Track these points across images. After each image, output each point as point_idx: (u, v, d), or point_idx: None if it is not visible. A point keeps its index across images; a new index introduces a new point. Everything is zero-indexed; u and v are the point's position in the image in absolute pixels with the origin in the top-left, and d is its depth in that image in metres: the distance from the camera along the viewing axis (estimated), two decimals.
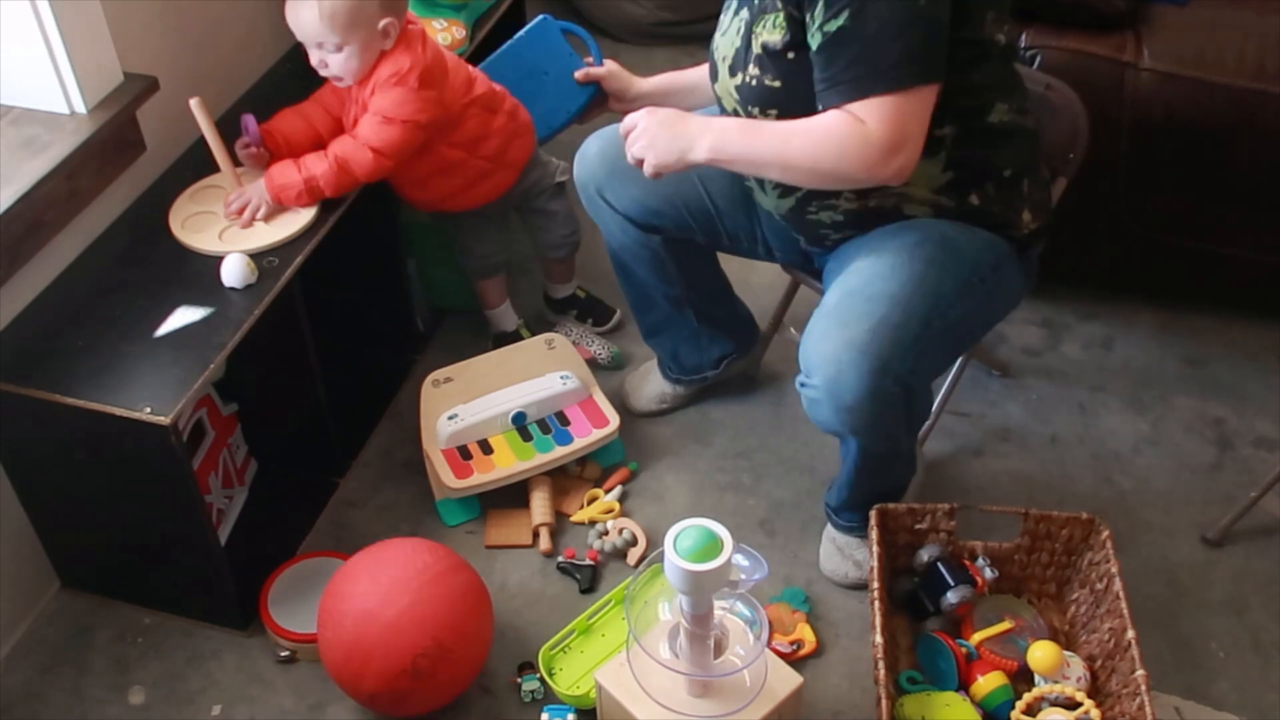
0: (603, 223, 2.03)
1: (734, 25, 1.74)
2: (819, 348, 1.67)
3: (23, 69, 1.78)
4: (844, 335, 1.64)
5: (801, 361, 1.71)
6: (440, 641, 1.72)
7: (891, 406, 1.68)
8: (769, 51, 1.66)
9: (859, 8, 1.54)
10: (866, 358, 1.62)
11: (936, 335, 1.68)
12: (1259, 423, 2.29)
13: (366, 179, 1.95)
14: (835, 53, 1.57)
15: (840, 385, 1.64)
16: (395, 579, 1.73)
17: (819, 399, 1.68)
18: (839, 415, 1.68)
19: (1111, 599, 1.78)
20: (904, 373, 1.65)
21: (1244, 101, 2.13)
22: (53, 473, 1.83)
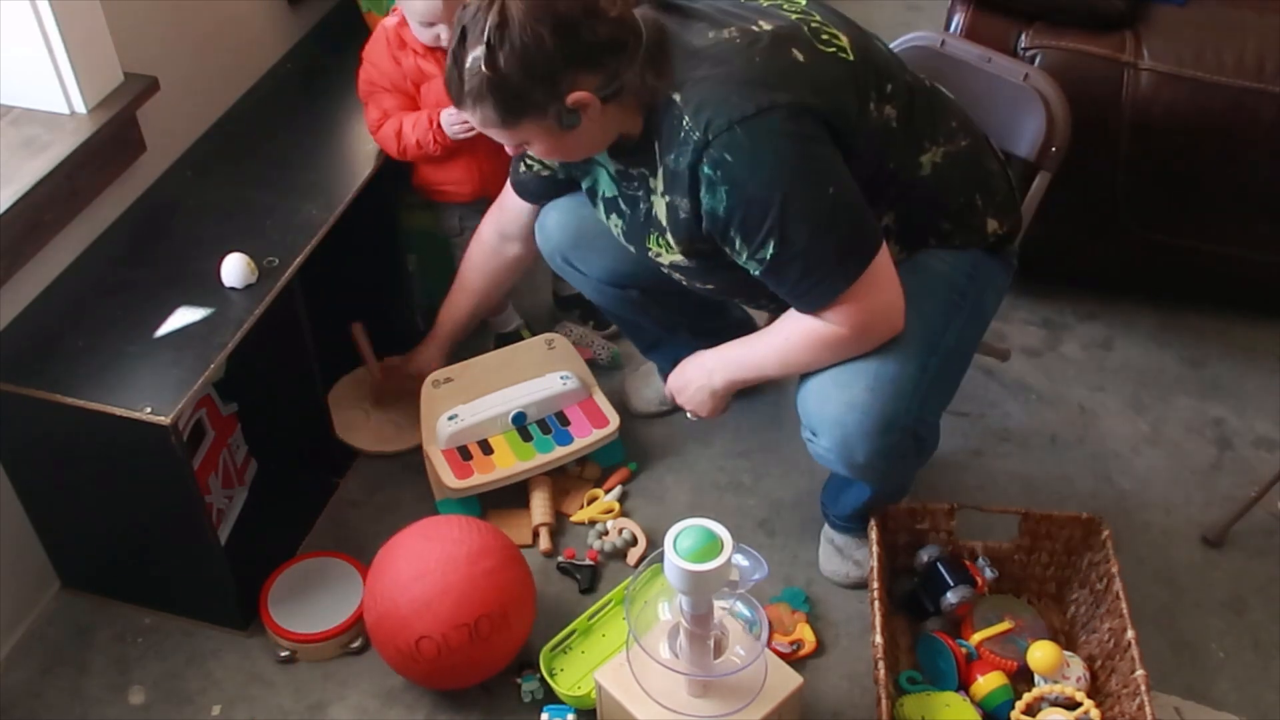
0: (577, 284, 2.05)
1: (615, 228, 1.76)
2: (821, 410, 1.66)
3: (23, 69, 1.78)
4: (843, 397, 1.63)
5: (803, 417, 1.71)
6: (506, 613, 1.75)
7: (903, 456, 1.70)
8: (682, 266, 1.69)
9: (781, 233, 1.52)
10: (870, 418, 1.62)
11: (935, 372, 1.67)
12: (1259, 423, 2.29)
13: None
14: (779, 275, 1.57)
15: (849, 447, 1.65)
16: (487, 542, 1.78)
17: (829, 457, 1.70)
18: (850, 470, 1.70)
19: (1111, 599, 1.78)
20: (909, 423, 1.65)
21: (1243, 101, 2.13)
22: (53, 473, 1.83)
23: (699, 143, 1.49)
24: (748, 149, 1.48)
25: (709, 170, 1.50)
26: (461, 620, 1.72)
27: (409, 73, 2.05)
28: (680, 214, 1.58)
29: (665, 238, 1.65)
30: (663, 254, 1.69)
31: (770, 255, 1.54)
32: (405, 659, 1.76)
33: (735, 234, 1.54)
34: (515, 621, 1.79)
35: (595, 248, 1.92)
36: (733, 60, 1.51)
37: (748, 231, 1.53)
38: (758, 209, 1.51)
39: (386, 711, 1.85)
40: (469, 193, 2.17)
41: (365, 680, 1.89)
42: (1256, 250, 2.32)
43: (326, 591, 1.95)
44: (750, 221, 1.52)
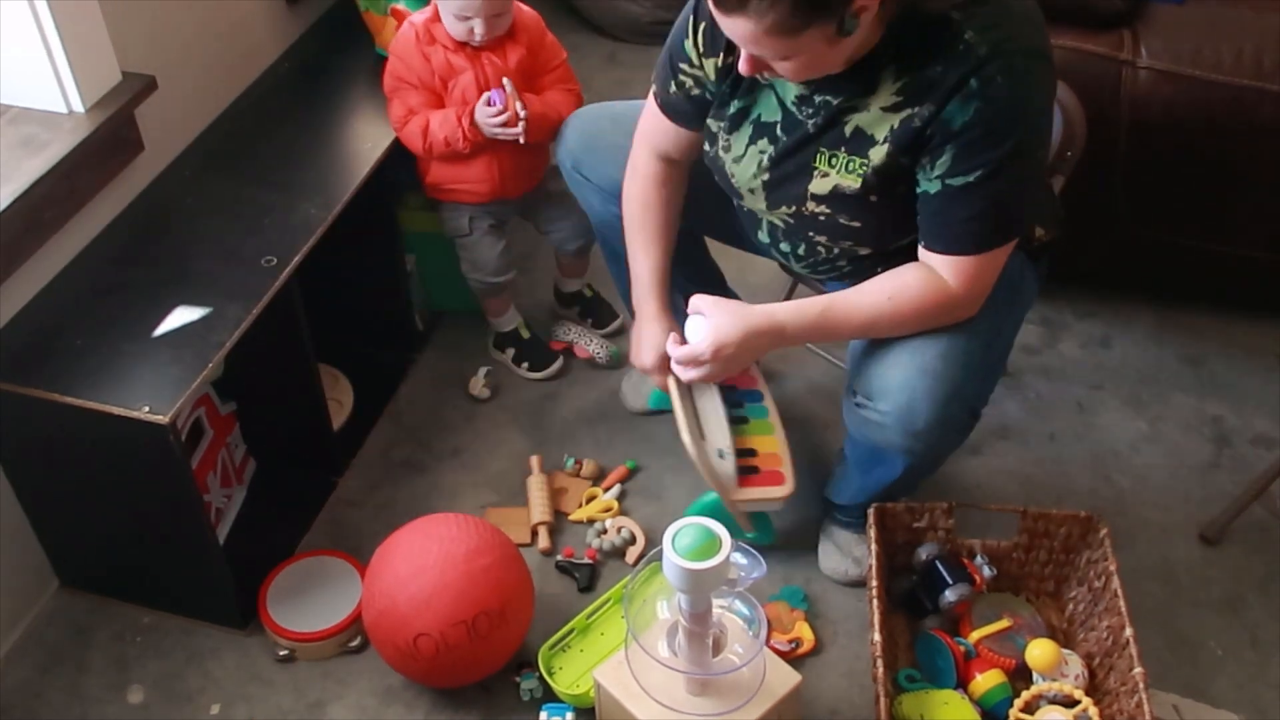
0: (583, 197, 2.03)
1: (753, 156, 1.69)
2: (887, 374, 1.66)
3: (21, 68, 1.78)
4: (915, 362, 1.63)
5: (859, 385, 1.70)
6: (504, 611, 1.75)
7: (958, 432, 1.71)
8: (843, 195, 1.63)
9: (994, 169, 1.51)
10: (941, 384, 1.62)
11: (998, 357, 1.72)
12: (1257, 420, 2.30)
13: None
14: (956, 202, 1.55)
15: (913, 412, 1.64)
16: (485, 540, 1.78)
17: (886, 424, 1.67)
18: (906, 439, 1.68)
19: (1110, 597, 1.78)
20: (972, 398, 1.67)
21: (1242, 99, 2.13)
22: (51, 472, 1.83)
23: (982, 57, 1.47)
24: (1017, 82, 1.48)
25: (975, 84, 1.48)
26: (460, 618, 1.72)
27: (438, 69, 2.06)
28: (914, 123, 1.53)
29: (853, 156, 1.60)
30: (830, 175, 1.62)
31: (969, 182, 1.53)
32: (404, 657, 1.76)
33: (950, 148, 1.52)
34: (513, 619, 1.79)
35: (605, 157, 1.93)
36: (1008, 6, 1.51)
37: (966, 152, 1.51)
38: (991, 138, 1.50)
39: (385, 710, 1.85)
40: (486, 192, 2.17)
41: (364, 679, 1.89)
42: (1255, 248, 2.32)
43: (325, 590, 1.95)
44: (976, 145, 1.51)
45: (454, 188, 2.18)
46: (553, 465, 2.21)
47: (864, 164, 1.59)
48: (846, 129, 1.59)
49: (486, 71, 2.07)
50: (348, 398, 2.28)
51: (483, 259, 2.25)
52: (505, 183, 2.16)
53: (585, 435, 2.25)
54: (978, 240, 1.58)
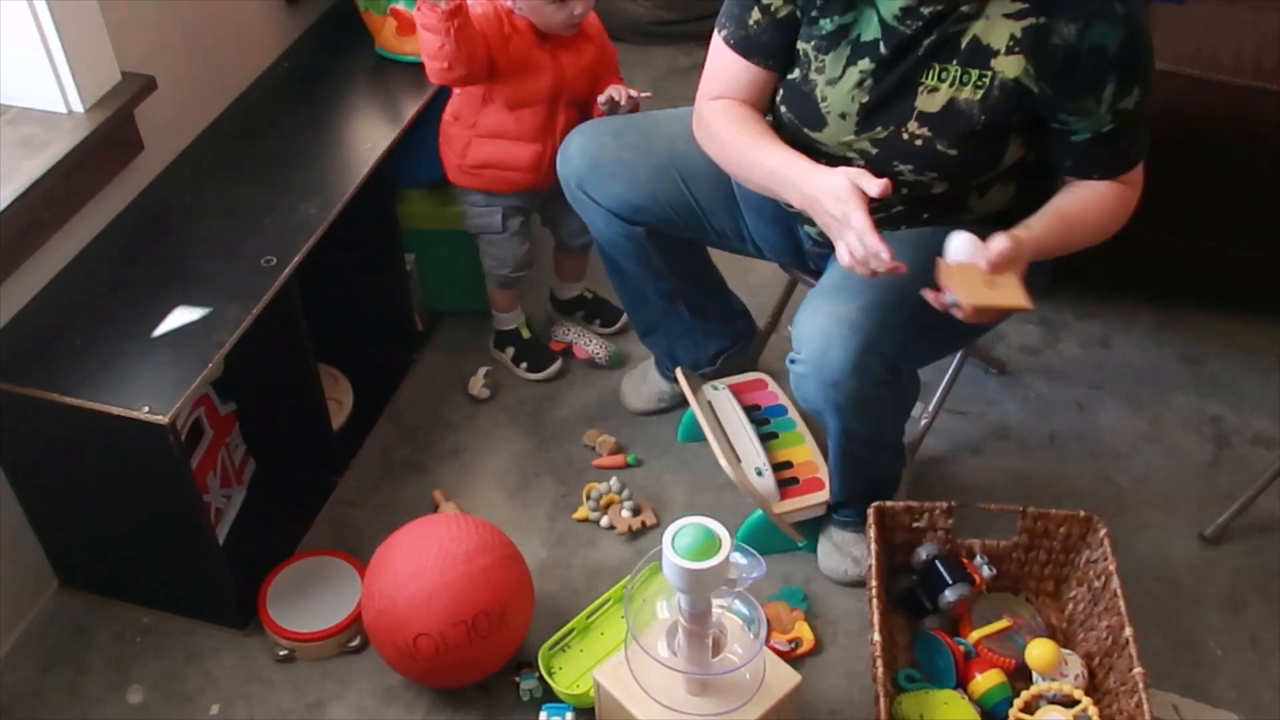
0: (587, 217, 2.00)
1: (852, 76, 1.64)
2: (810, 321, 1.67)
3: (21, 68, 1.78)
4: (835, 310, 1.65)
5: (793, 337, 1.71)
6: (504, 611, 1.75)
7: (876, 386, 1.67)
8: (955, 111, 1.60)
9: (1145, 85, 1.57)
10: (856, 333, 1.63)
11: (929, 324, 1.65)
12: (1256, 420, 2.30)
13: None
14: (1132, 128, 1.62)
15: (827, 359, 1.64)
16: (485, 540, 1.78)
17: (806, 374, 1.68)
18: (823, 390, 1.68)
19: (1109, 597, 1.78)
20: (891, 354, 1.65)
21: (1241, 99, 2.13)
22: (51, 472, 1.83)
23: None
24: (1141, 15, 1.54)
25: (1120, 6, 1.52)
26: (459, 618, 1.72)
27: (515, 53, 2.04)
28: (1050, 38, 1.54)
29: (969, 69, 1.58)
30: (941, 90, 1.60)
31: (1134, 104, 1.58)
32: (404, 657, 1.77)
33: (1114, 74, 1.55)
34: (513, 619, 1.79)
35: (610, 174, 1.90)
36: None
37: (1126, 75, 1.55)
38: (1141, 59, 1.56)
39: (385, 710, 1.85)
40: (529, 181, 2.16)
41: (364, 679, 1.89)
42: (1255, 248, 2.32)
43: (325, 590, 1.95)
44: (1131, 68, 1.55)
45: (499, 171, 2.15)
46: (555, 465, 2.21)
47: (985, 76, 1.59)
48: (963, 40, 1.58)
49: (567, 73, 2.08)
50: (348, 398, 2.28)
51: (510, 255, 2.25)
52: (549, 175, 2.11)
53: (585, 432, 2.25)
54: (1145, 147, 1.66)
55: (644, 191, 1.89)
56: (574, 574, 2.03)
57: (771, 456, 2.01)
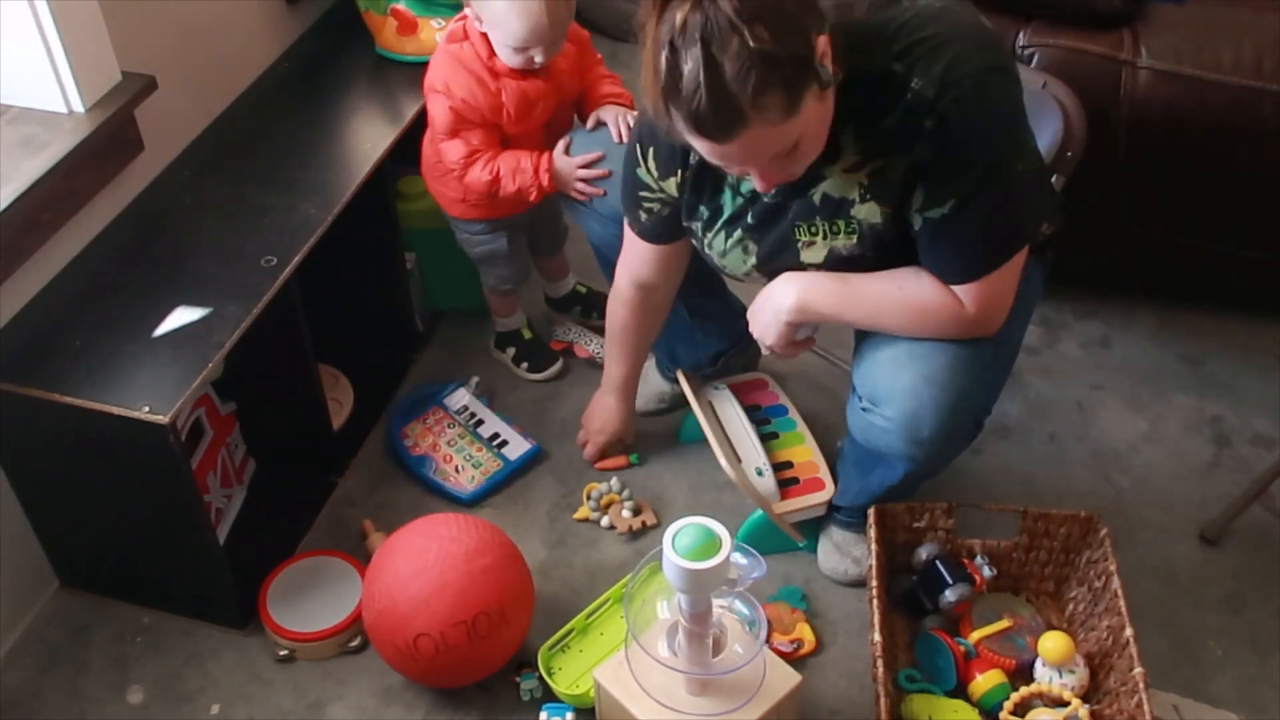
0: (580, 220, 2.04)
1: (736, 249, 1.70)
2: (894, 380, 1.65)
3: (21, 68, 1.78)
4: (922, 370, 1.63)
5: (864, 389, 1.70)
6: (504, 611, 1.75)
7: (963, 440, 1.71)
8: (840, 257, 1.62)
9: (967, 196, 1.50)
10: (948, 394, 1.62)
11: (1005, 363, 1.71)
12: (1256, 420, 2.30)
13: None
14: (942, 235, 1.54)
15: (918, 420, 1.64)
16: (485, 540, 1.79)
17: (891, 430, 1.67)
18: (910, 447, 1.68)
19: (1110, 597, 1.78)
20: (978, 408, 1.68)
21: (1242, 99, 2.13)
22: (51, 472, 1.83)
23: (931, 99, 1.45)
24: (972, 107, 1.46)
25: (930, 123, 1.46)
26: (459, 617, 1.72)
27: (512, 103, 1.98)
28: (889, 175, 1.53)
29: (834, 220, 1.59)
30: (817, 243, 1.62)
31: (945, 214, 1.51)
32: (403, 657, 1.76)
33: (922, 185, 1.51)
34: (513, 619, 1.79)
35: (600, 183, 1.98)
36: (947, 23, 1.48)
37: (935, 185, 1.50)
38: (957, 167, 1.49)
39: (385, 710, 1.85)
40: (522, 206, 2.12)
41: (364, 679, 1.89)
42: (1255, 248, 2.32)
43: (325, 590, 1.95)
44: (943, 177, 1.49)
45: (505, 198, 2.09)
46: (555, 465, 2.21)
47: (852, 224, 1.59)
48: (815, 197, 1.59)
49: (564, 84, 2.06)
50: (348, 398, 2.28)
51: (512, 271, 2.26)
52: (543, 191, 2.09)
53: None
54: (977, 265, 1.57)
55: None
56: (574, 574, 2.03)
57: (772, 457, 2.01)
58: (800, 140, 1.43)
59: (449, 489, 2.14)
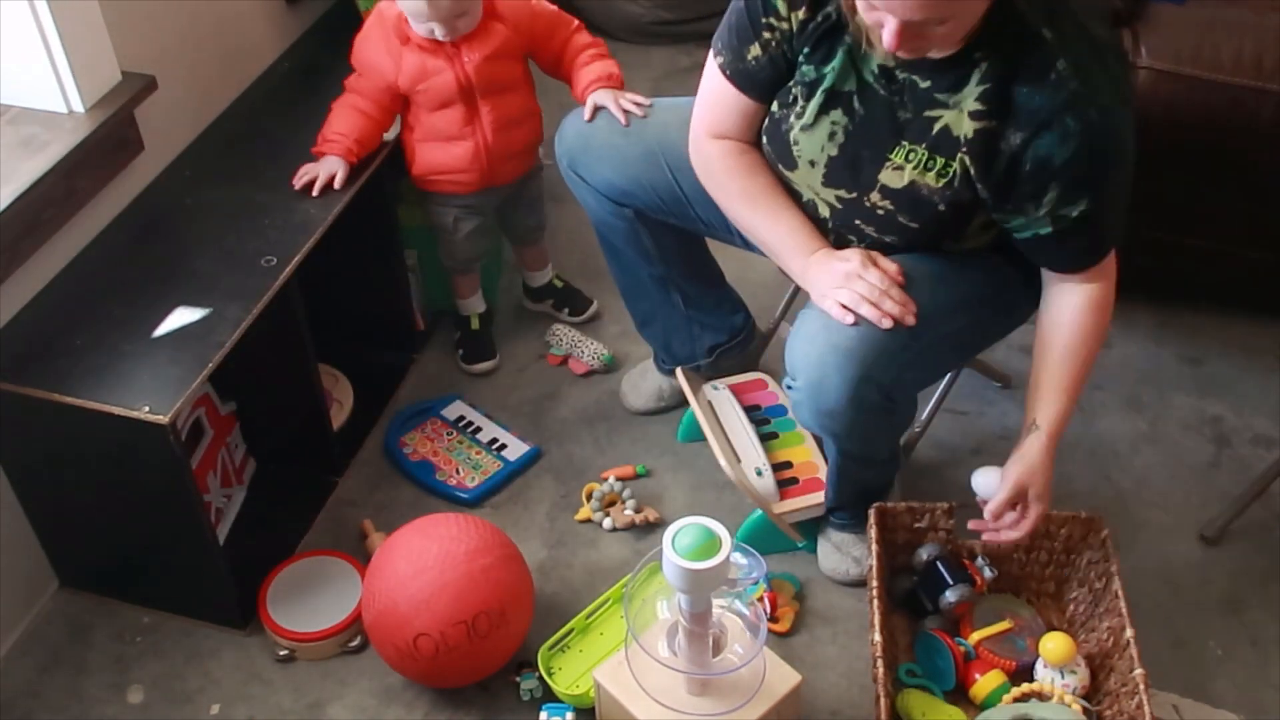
0: (580, 195, 2.01)
1: (825, 127, 1.65)
2: (805, 349, 1.66)
3: (21, 68, 1.78)
4: (830, 339, 1.63)
5: (787, 361, 1.70)
6: (504, 611, 1.75)
7: (872, 413, 1.68)
8: (916, 194, 1.62)
9: (1099, 196, 1.55)
10: (851, 363, 1.61)
11: (925, 347, 1.67)
12: (1257, 421, 2.30)
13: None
14: (1078, 235, 1.59)
15: (823, 389, 1.64)
16: (485, 540, 1.79)
17: (801, 400, 1.68)
18: (819, 418, 1.69)
19: (1110, 598, 1.78)
20: (887, 382, 1.64)
21: (1242, 99, 2.13)
22: (51, 472, 1.83)
23: (1075, 93, 1.47)
24: (1113, 124, 1.51)
25: (1073, 123, 1.48)
26: (459, 617, 1.72)
27: (408, 73, 2.01)
28: (999, 143, 1.53)
29: (935, 155, 1.59)
30: (906, 170, 1.61)
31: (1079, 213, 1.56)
32: (403, 657, 1.76)
33: (1056, 185, 1.54)
34: (513, 619, 1.79)
35: (599, 156, 1.93)
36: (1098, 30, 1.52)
37: (1071, 186, 1.54)
38: (1095, 172, 1.53)
39: (385, 710, 1.85)
40: (471, 181, 2.14)
41: (364, 679, 1.89)
42: (1255, 248, 2.32)
43: (325, 590, 1.95)
44: (1083, 179, 1.53)
45: (440, 178, 2.14)
46: (555, 465, 2.21)
47: (950, 166, 1.59)
48: (935, 125, 1.58)
49: (466, 70, 2.02)
50: (348, 398, 2.28)
51: (457, 250, 2.26)
52: (494, 167, 2.13)
53: (585, 435, 2.25)
54: (1101, 250, 1.65)
55: (630, 176, 1.90)
56: (574, 574, 2.03)
57: (771, 457, 2.01)
58: (951, 21, 1.43)
59: (451, 489, 2.14)
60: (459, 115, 2.06)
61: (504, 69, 2.06)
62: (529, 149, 2.20)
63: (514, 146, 2.15)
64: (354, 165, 2.02)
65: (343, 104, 2.05)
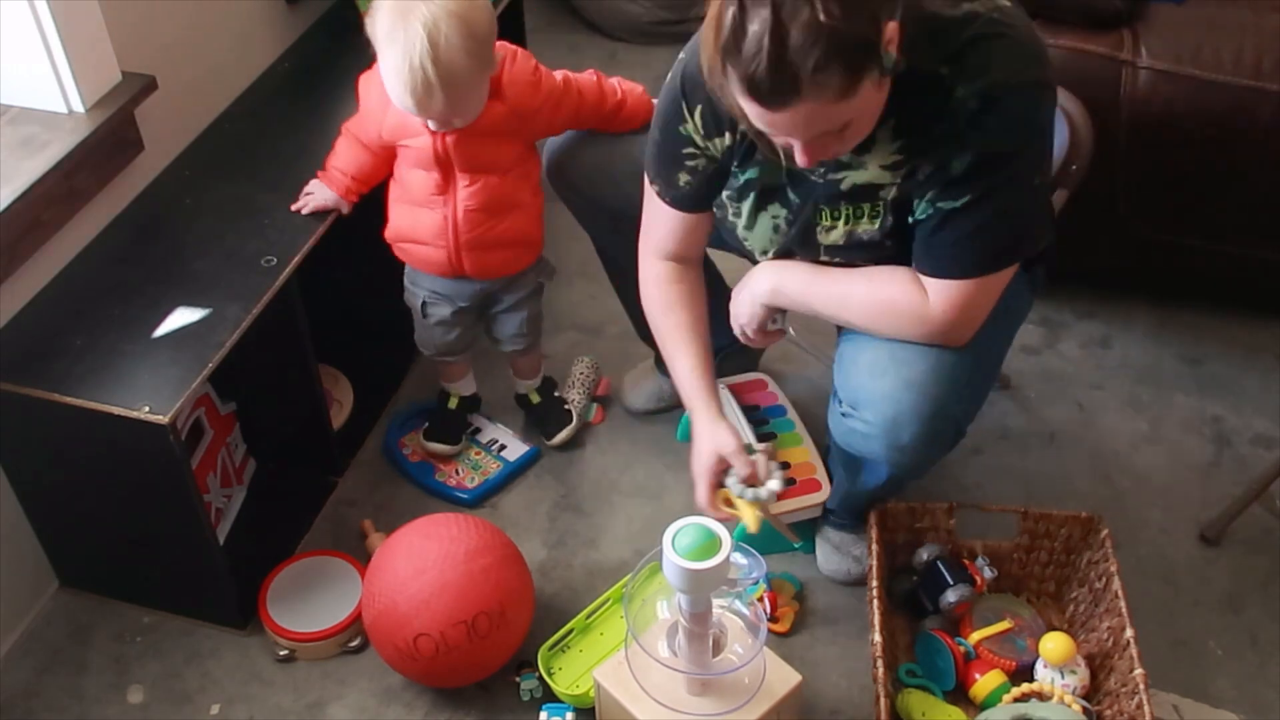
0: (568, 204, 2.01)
1: (765, 223, 1.68)
2: (874, 384, 1.64)
3: (21, 68, 1.78)
4: (902, 374, 1.61)
5: (844, 393, 1.69)
6: (504, 611, 1.75)
7: (943, 447, 1.70)
8: (858, 240, 1.62)
9: (982, 194, 1.50)
10: (927, 400, 1.61)
11: (987, 374, 1.70)
12: (1257, 420, 2.30)
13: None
14: (947, 225, 1.53)
15: (898, 426, 1.63)
16: (485, 540, 1.79)
17: (871, 435, 1.66)
18: (890, 452, 1.67)
19: (1110, 598, 1.78)
20: (959, 415, 1.66)
21: (1241, 99, 2.13)
22: (51, 472, 1.83)
23: (972, 110, 1.45)
24: (1007, 119, 1.47)
25: (969, 132, 1.47)
26: (459, 617, 1.72)
27: (389, 125, 1.85)
28: (917, 177, 1.53)
29: (859, 204, 1.59)
30: (838, 227, 1.62)
31: (956, 207, 1.51)
32: (403, 657, 1.76)
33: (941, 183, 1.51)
34: (513, 619, 1.79)
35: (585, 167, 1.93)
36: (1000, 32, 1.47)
37: (957, 181, 1.50)
38: (983, 169, 1.49)
39: (385, 710, 1.85)
40: (439, 261, 1.94)
41: (364, 679, 1.89)
42: (1255, 248, 2.32)
43: (326, 590, 1.95)
44: (969, 175, 1.49)
45: (409, 246, 1.97)
46: (555, 465, 2.21)
47: (878, 206, 1.58)
48: (843, 185, 1.58)
49: (444, 140, 1.82)
50: (348, 398, 2.28)
51: (429, 339, 2.10)
52: (466, 253, 1.93)
53: (585, 435, 2.25)
54: (967, 265, 1.56)
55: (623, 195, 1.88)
56: (574, 574, 2.03)
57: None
58: (851, 122, 1.42)
59: (451, 490, 2.14)
60: (432, 182, 1.88)
61: (489, 148, 1.86)
62: (514, 244, 1.97)
63: (491, 235, 1.92)
64: (354, 202, 1.94)
65: (349, 132, 1.94)
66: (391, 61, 1.69)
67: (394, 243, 2.01)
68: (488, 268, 1.97)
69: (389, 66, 1.70)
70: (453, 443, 2.19)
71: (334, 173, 1.94)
